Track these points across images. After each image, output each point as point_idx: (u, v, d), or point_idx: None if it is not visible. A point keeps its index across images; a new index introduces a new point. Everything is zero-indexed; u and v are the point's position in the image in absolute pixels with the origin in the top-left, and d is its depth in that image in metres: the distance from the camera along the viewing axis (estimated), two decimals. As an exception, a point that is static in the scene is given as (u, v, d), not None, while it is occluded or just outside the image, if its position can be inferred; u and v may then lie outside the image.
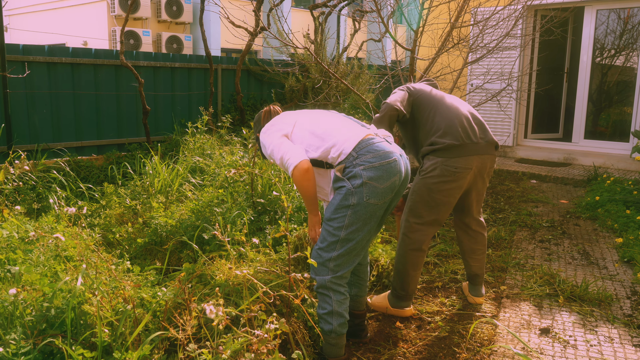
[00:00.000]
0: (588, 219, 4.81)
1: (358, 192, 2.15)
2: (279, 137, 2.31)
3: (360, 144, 2.22)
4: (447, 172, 2.63)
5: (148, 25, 13.79)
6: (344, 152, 2.22)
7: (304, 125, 2.36)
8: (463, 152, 2.63)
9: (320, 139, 2.28)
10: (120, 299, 2.10)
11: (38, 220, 3.19)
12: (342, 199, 2.18)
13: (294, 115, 2.46)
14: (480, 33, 4.91)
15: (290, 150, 2.25)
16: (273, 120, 2.44)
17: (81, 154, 5.88)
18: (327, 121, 2.38)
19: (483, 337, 2.67)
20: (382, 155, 2.19)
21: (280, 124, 2.39)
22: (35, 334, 1.87)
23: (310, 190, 2.24)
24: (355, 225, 2.19)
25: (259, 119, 2.60)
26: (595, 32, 7.31)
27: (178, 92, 6.74)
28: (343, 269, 2.24)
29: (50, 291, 2.06)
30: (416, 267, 2.78)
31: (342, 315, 2.26)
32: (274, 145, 2.30)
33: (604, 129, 7.76)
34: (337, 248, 2.21)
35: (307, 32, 7.36)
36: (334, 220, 2.20)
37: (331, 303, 2.24)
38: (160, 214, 3.49)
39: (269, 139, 2.34)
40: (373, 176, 2.15)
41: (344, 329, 2.28)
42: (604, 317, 2.89)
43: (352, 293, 2.58)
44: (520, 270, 3.56)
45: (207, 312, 1.58)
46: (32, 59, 5.44)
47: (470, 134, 2.67)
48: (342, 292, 2.26)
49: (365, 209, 2.17)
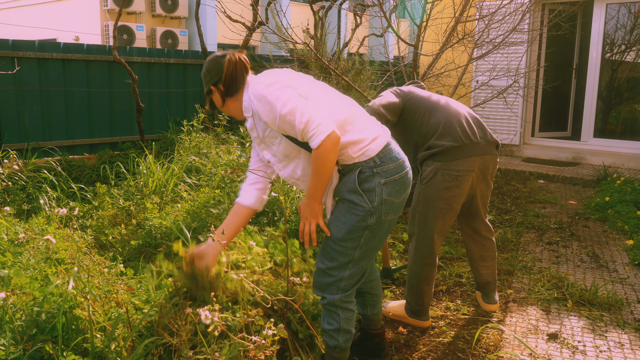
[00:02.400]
0: (597, 220, 4.81)
1: (377, 212, 2.00)
2: (297, 96, 1.92)
3: (385, 150, 2.02)
4: (449, 177, 2.56)
5: (142, 19, 13.78)
6: (366, 153, 1.99)
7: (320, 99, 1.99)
8: (464, 154, 2.56)
9: (341, 128, 1.97)
10: (113, 303, 2.10)
11: (28, 222, 3.19)
12: (360, 220, 2.00)
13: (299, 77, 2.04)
14: (485, 28, 4.92)
15: (320, 114, 1.88)
16: (265, 75, 2.02)
17: (73, 153, 5.88)
18: (350, 106, 2.08)
19: (489, 343, 2.67)
20: (401, 166, 2.05)
21: (283, 80, 1.98)
22: (25, 339, 1.87)
23: (331, 169, 1.92)
24: (370, 244, 2.08)
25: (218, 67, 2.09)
26: (605, 26, 7.30)
27: (173, 89, 6.74)
28: (354, 287, 2.15)
29: (40, 295, 2.06)
30: (430, 281, 2.74)
31: (349, 332, 2.18)
32: (292, 103, 1.88)
33: (614, 127, 7.76)
34: (350, 267, 2.08)
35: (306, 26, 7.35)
36: (348, 240, 2.04)
37: (339, 321, 2.15)
38: (154, 215, 3.49)
39: (279, 93, 1.91)
40: (391, 192, 2.01)
41: (349, 344, 2.22)
42: (614, 322, 2.89)
43: (369, 312, 2.45)
44: (528, 274, 3.56)
45: (203, 317, 1.58)
46: (22, 55, 5.44)
47: (470, 134, 2.59)
48: (350, 309, 2.17)
49: (382, 226, 2.06)
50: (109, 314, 2.06)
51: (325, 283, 2.12)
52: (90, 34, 13.38)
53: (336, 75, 5.96)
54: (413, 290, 2.77)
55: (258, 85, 1.98)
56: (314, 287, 2.19)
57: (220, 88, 2.11)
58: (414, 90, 2.79)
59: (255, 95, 1.97)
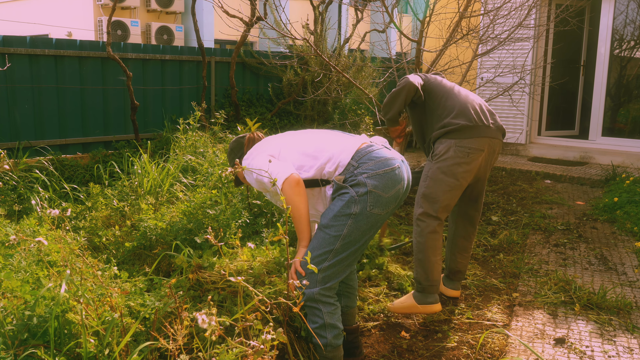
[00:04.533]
0: (606, 221, 4.81)
1: (362, 201, 2.13)
2: (264, 159, 2.24)
3: (359, 153, 2.22)
4: (461, 153, 2.81)
5: (136, 15, 13.78)
6: (341, 163, 2.21)
7: (292, 146, 2.31)
8: (476, 133, 2.83)
9: (312, 158, 2.25)
10: (107, 307, 2.10)
11: (19, 223, 3.19)
12: (344, 206, 2.15)
13: (279, 138, 2.41)
14: (491, 23, 4.92)
15: (277, 166, 2.20)
16: (256, 147, 2.38)
17: (65, 152, 5.88)
18: (317, 138, 2.35)
19: (494, 348, 2.67)
20: (385, 163, 2.19)
21: (265, 147, 2.33)
22: (16, 344, 1.87)
23: (301, 207, 2.17)
24: (353, 236, 2.16)
25: (240, 146, 2.52)
26: (613, 22, 7.30)
27: (169, 87, 6.74)
28: (333, 280, 2.21)
29: (32, 299, 2.06)
30: (436, 250, 2.86)
31: (336, 326, 2.23)
32: (260, 166, 2.23)
33: (623, 125, 7.76)
34: (329, 258, 2.17)
35: (306, 22, 7.35)
36: (331, 227, 2.16)
37: (322, 316, 2.20)
38: (149, 216, 3.49)
39: (254, 162, 2.28)
40: (378, 184, 2.15)
41: (339, 340, 2.25)
42: (623, 326, 2.89)
43: (342, 304, 2.50)
44: (534, 276, 3.56)
45: (199, 321, 1.58)
46: (13, 51, 5.44)
47: (482, 118, 2.88)
48: (332, 302, 2.23)
49: (367, 220, 2.16)
50: (103, 318, 2.06)
51: (304, 275, 2.19)
52: (83, 30, 13.38)
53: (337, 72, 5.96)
54: (421, 265, 2.85)
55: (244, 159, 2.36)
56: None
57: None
58: (435, 76, 3.10)
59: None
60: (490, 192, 5.78)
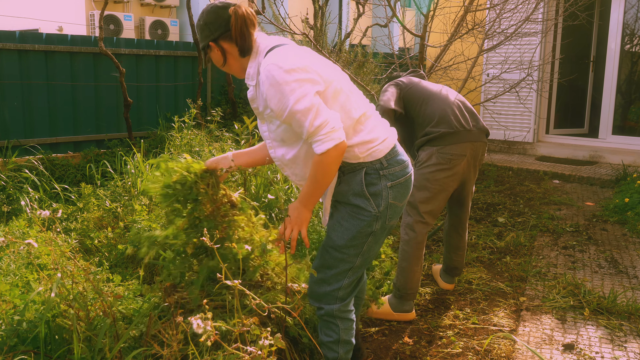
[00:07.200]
0: (616, 223, 4.81)
1: (382, 217, 2.02)
2: (311, 89, 1.81)
3: (392, 152, 2.03)
4: (443, 160, 2.91)
5: (130, 8, 13.78)
6: (374, 154, 1.98)
7: (339, 92, 1.93)
8: (457, 139, 2.92)
9: (352, 129, 1.95)
10: (99, 312, 2.10)
11: (8, 225, 3.20)
12: (366, 226, 2.01)
13: (321, 60, 1.96)
14: (497, 17, 4.92)
15: (334, 120, 1.82)
16: (294, 61, 1.84)
17: (56, 151, 5.88)
18: (361, 99, 2.03)
19: (500, 354, 2.67)
20: (406, 169, 2.07)
21: (312, 71, 1.86)
22: (5, 350, 1.87)
23: (331, 178, 1.90)
24: (372, 251, 2.10)
25: (221, 22, 1.94)
26: (624, 16, 7.30)
27: (163, 83, 6.74)
28: (351, 295, 2.17)
29: (21, 303, 2.06)
30: (419, 260, 3.00)
31: (349, 342, 2.21)
32: (307, 102, 1.79)
33: (634, 123, 7.75)
34: (350, 275, 2.10)
35: (305, 16, 7.36)
36: (349, 248, 2.04)
37: (338, 332, 2.16)
38: (143, 218, 3.49)
39: (296, 86, 1.80)
40: (397, 195, 2.03)
41: (350, 355, 2.24)
42: (634, 331, 2.89)
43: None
44: (542, 280, 3.56)
45: (194, 326, 1.58)
46: (2, 46, 5.44)
47: (463, 122, 2.96)
48: (349, 318, 2.18)
49: (385, 232, 2.09)
50: (95, 323, 2.06)
51: (322, 293, 2.13)
52: (74, 24, 13.37)
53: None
54: (403, 273, 2.98)
55: (274, 66, 1.83)
56: (309, 297, 2.19)
57: (221, 45, 1.97)
58: (412, 79, 3.15)
59: (269, 78, 1.83)
60: (497, 192, 5.78)
